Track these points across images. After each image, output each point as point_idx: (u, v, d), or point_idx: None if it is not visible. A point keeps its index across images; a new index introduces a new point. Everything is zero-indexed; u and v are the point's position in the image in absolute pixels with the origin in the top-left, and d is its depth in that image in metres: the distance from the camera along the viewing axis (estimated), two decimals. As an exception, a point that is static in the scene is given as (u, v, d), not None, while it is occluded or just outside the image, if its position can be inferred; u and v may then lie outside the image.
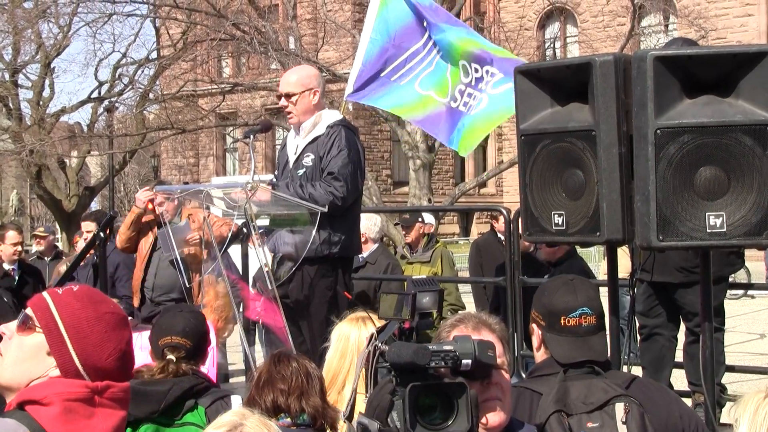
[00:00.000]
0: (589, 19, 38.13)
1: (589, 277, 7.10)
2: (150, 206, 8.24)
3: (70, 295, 2.56)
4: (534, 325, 3.77)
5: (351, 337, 4.27)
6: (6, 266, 9.24)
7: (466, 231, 42.93)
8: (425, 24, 8.20)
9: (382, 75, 8.07)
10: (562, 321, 3.62)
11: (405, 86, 8.10)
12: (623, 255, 8.00)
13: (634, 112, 4.27)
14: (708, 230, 4.15)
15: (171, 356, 4.33)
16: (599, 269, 14.92)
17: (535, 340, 3.79)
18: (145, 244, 8.49)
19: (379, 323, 4.28)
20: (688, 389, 7.05)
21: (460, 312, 4.07)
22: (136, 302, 8.51)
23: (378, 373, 2.68)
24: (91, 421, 2.43)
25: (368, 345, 2.73)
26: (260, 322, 7.25)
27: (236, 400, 4.08)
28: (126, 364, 2.57)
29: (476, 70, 8.10)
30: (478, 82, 8.13)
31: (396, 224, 10.09)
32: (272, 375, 3.62)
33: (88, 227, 9.86)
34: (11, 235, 9.35)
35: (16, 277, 9.18)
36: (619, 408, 3.45)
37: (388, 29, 8.15)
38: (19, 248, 9.32)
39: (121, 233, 8.57)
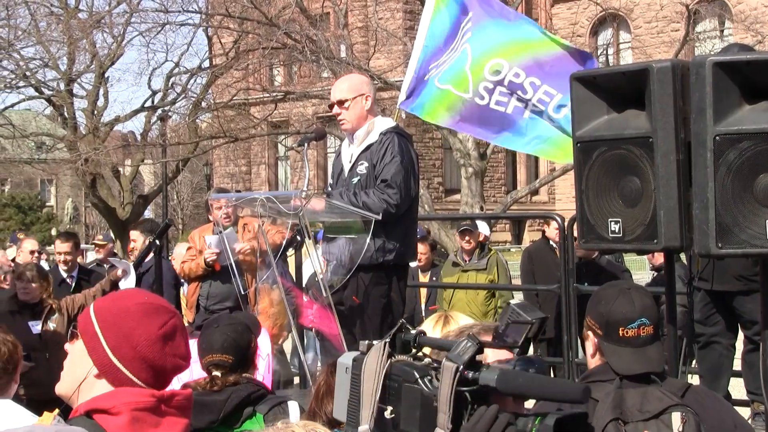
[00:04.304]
0: (642, 25, 37.80)
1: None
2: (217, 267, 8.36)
3: (107, 298, 2.68)
4: (589, 333, 3.76)
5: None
6: (64, 274, 9.16)
7: (518, 239, 42.78)
8: (468, 17, 7.97)
9: (425, 78, 7.96)
10: (621, 332, 3.61)
11: (428, 84, 7.91)
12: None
13: (692, 119, 4.22)
14: (768, 237, 4.09)
15: (216, 372, 4.34)
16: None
17: (590, 347, 3.78)
18: (198, 268, 8.57)
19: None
20: (747, 398, 6.97)
21: None
22: (190, 316, 8.50)
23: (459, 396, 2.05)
24: (158, 430, 2.47)
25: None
26: (313, 329, 7.28)
27: (293, 405, 4.09)
28: (163, 348, 2.57)
29: (516, 75, 7.76)
30: (514, 87, 7.75)
31: (461, 230, 9.99)
32: (331, 386, 3.58)
33: (134, 236, 9.88)
34: (59, 245, 9.28)
35: (73, 284, 9.08)
36: (676, 417, 3.45)
37: (441, 34, 8.04)
38: (69, 257, 9.20)
39: (186, 273, 8.64)
